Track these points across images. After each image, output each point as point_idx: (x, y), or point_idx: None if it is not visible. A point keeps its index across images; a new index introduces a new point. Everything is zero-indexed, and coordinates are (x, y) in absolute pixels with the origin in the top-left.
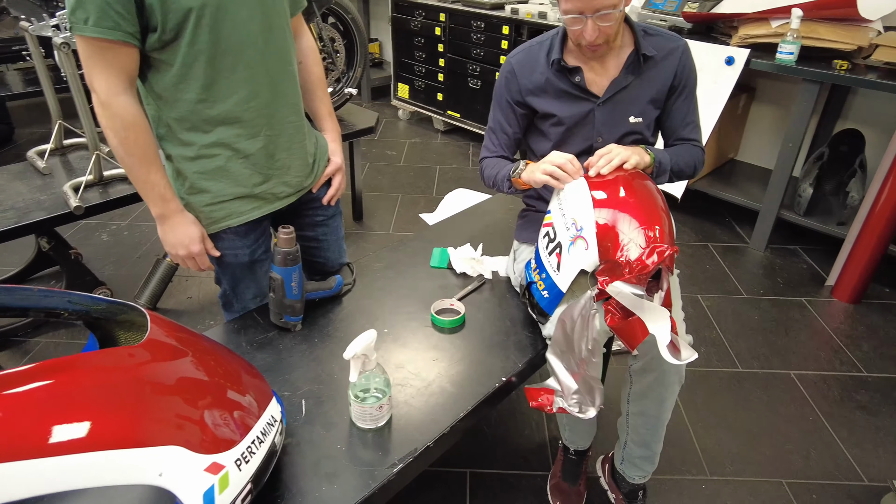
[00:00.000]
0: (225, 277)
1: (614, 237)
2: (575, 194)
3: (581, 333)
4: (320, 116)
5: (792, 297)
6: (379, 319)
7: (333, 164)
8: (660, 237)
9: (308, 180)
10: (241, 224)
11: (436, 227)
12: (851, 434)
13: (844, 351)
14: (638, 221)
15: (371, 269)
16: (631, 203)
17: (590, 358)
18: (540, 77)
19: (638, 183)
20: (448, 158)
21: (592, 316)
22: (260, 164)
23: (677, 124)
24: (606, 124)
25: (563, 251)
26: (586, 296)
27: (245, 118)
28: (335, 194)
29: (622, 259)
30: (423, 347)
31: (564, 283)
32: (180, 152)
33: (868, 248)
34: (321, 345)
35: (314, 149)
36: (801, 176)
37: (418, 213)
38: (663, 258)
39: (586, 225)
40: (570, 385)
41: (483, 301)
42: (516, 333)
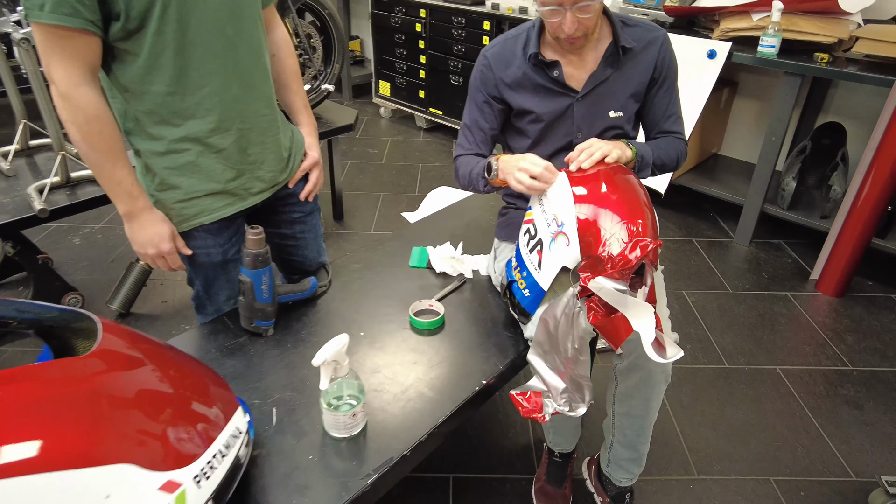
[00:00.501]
0: (198, 278)
1: (596, 232)
2: (556, 190)
3: (566, 332)
4: (295, 110)
5: (777, 291)
6: (355, 322)
7: (310, 159)
8: (642, 231)
9: (283, 175)
10: (214, 221)
11: (415, 225)
12: (838, 429)
13: (829, 345)
14: (620, 216)
15: (348, 270)
16: (612, 198)
17: (577, 356)
18: (517, 71)
19: (620, 177)
20: (430, 156)
21: (577, 313)
22: (232, 158)
23: (659, 117)
24: (586, 119)
25: (544, 248)
26: (569, 293)
27: (216, 111)
28: (313, 189)
29: (604, 255)
30: (400, 350)
31: (546, 280)
32: (149, 147)
33: (851, 242)
34: (294, 350)
35: (289, 143)
36: (783, 170)
37: (400, 212)
38: (646, 252)
39: (567, 221)
40: (557, 385)
41: (463, 301)
42: (497, 334)
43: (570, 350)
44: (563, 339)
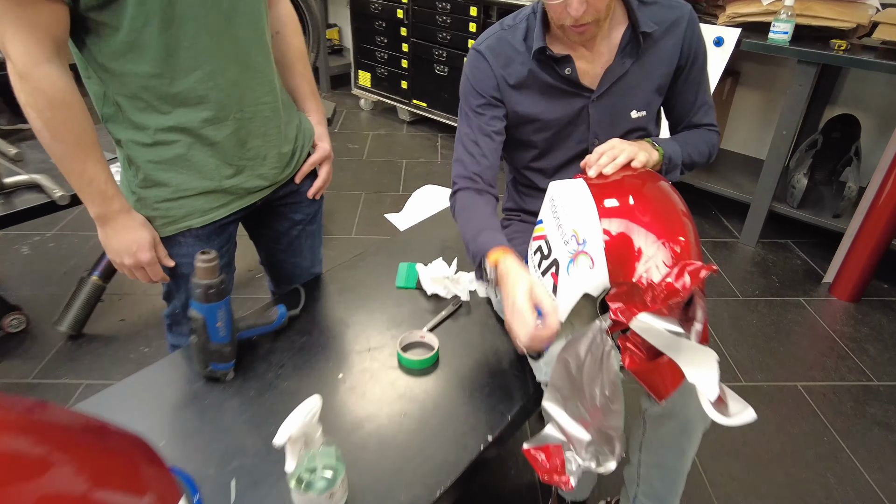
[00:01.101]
0: (178, 293)
1: (629, 252)
2: (573, 199)
3: (593, 376)
4: (303, 96)
5: (789, 296)
6: (332, 360)
7: (320, 151)
8: (685, 251)
9: (287, 170)
10: (205, 225)
11: (402, 236)
12: (871, 455)
13: (851, 357)
14: (657, 233)
15: (323, 293)
16: (646, 210)
17: (607, 405)
18: (521, 69)
19: (650, 186)
20: (415, 152)
21: (607, 354)
22: (229, 153)
23: (687, 109)
24: (603, 123)
25: (561, 271)
26: (595, 328)
27: (210, 98)
28: (322, 187)
29: (642, 281)
30: (387, 398)
31: (563, 310)
32: (132, 137)
33: (870, 244)
34: (259, 399)
35: (295, 133)
36: (793, 166)
37: (383, 214)
38: (697, 280)
39: (591, 237)
40: (580, 436)
41: (460, 330)
42: (501, 373)
43: (599, 397)
44: (590, 383)
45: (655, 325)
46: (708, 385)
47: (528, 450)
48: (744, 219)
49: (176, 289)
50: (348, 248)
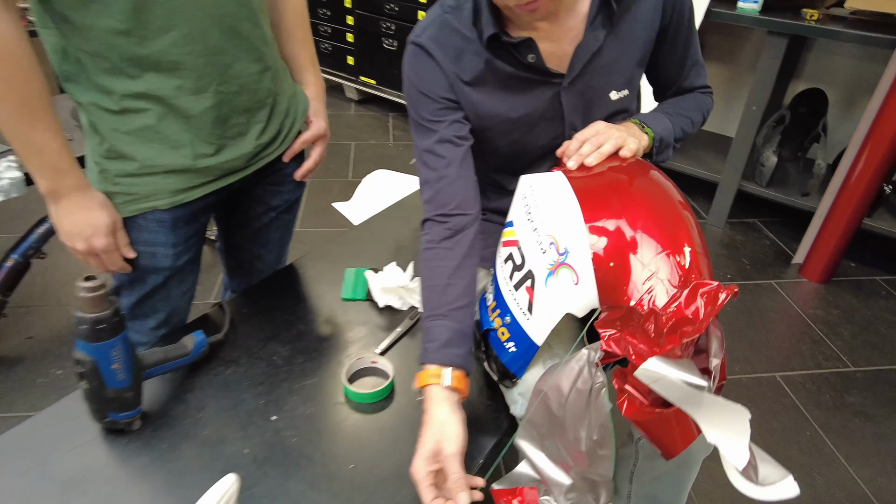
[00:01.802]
0: (128, 289)
1: (623, 267)
2: (551, 198)
3: (579, 416)
4: (300, 66)
5: (761, 279)
6: (263, 398)
7: (315, 129)
8: (694, 266)
9: (274, 147)
10: (173, 207)
11: (348, 237)
12: (854, 448)
13: (826, 342)
14: (657, 242)
15: (254, 310)
16: (642, 211)
17: (595, 450)
18: (475, 61)
19: (644, 178)
20: (364, 133)
21: (597, 391)
22: (206, 129)
23: (676, 73)
24: (579, 110)
25: (538, 284)
26: (582, 358)
27: (187, 65)
28: (312, 168)
29: (643, 305)
30: (331, 443)
31: (541, 331)
32: (96, 100)
33: (841, 224)
34: (173, 454)
35: (287, 105)
36: (761, 143)
37: (331, 203)
38: (715, 306)
39: (574, 246)
40: (559, 480)
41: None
42: (470, 403)
43: (585, 441)
44: (574, 424)
45: (669, 376)
46: (737, 452)
47: (498, 491)
48: (711, 198)
49: (127, 283)
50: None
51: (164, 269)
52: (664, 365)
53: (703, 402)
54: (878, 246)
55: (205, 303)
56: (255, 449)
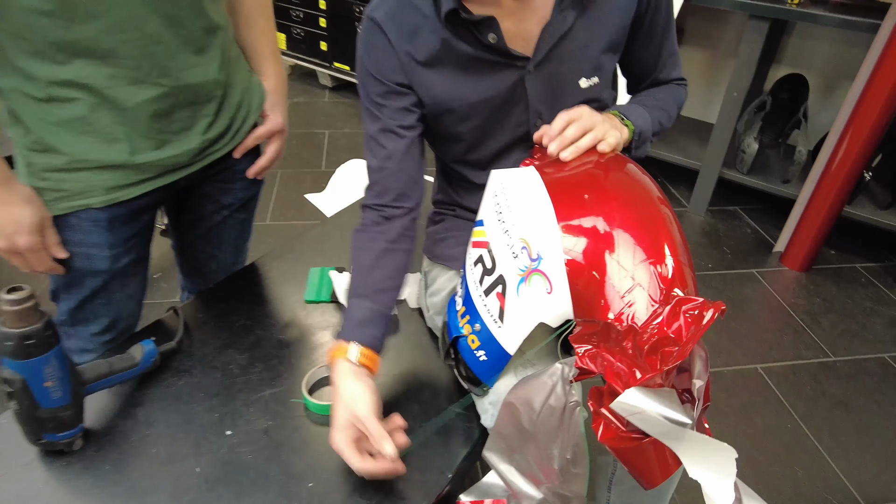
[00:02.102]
0: (65, 293)
1: (600, 276)
2: (523, 197)
3: (551, 434)
4: (259, 55)
5: (742, 269)
6: (218, 411)
7: (270, 124)
8: (678, 276)
9: (225, 142)
10: (108, 205)
11: (313, 233)
12: (835, 441)
13: (807, 331)
14: (638, 247)
15: (210, 314)
16: (621, 213)
17: (568, 468)
18: (430, 40)
19: (621, 174)
20: (339, 121)
21: (571, 409)
22: (145, 123)
23: (652, 64)
24: (545, 98)
25: (509, 291)
26: (555, 373)
27: (121, 53)
28: (267, 166)
29: (622, 320)
30: (290, 459)
31: (513, 340)
32: (18, 86)
33: (822, 212)
34: (118, 476)
35: (239, 98)
36: (742, 129)
37: (304, 194)
38: (700, 326)
39: (547, 251)
40: (529, 493)
41: (385, 354)
42: (441, 411)
43: (557, 459)
44: (545, 441)
45: (648, 410)
46: (721, 492)
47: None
48: (692, 186)
49: (62, 288)
50: (263, 237)
51: (103, 272)
52: (643, 397)
53: (685, 438)
54: (858, 233)
55: (171, 301)
56: (207, 467)
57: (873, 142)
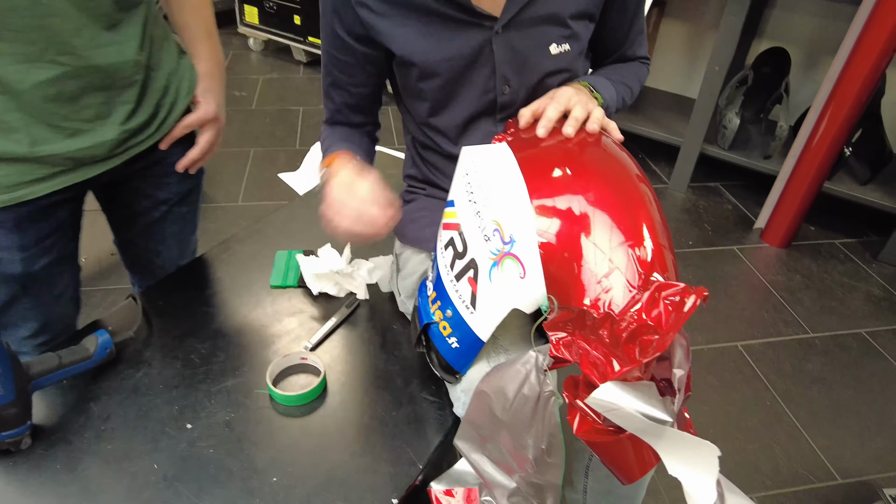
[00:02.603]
0: None
1: (575, 261)
2: (495, 175)
3: (525, 423)
4: (191, 36)
5: (722, 245)
6: (178, 403)
7: (202, 111)
8: (657, 259)
9: (150, 132)
10: (12, 205)
11: (280, 215)
12: (813, 418)
13: (787, 308)
14: (616, 229)
15: (170, 302)
16: (597, 191)
17: (543, 458)
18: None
19: (598, 153)
20: (314, 97)
21: (546, 399)
22: (46, 109)
23: (621, 39)
24: (514, 64)
25: (481, 276)
26: (529, 361)
27: (7, 25)
28: (199, 159)
29: (599, 307)
30: (253, 453)
31: (485, 327)
32: None
33: (802, 188)
34: (71, 475)
35: (165, 83)
36: (723, 104)
37: (277, 173)
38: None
39: (520, 234)
40: (502, 482)
41: (356, 342)
42: (412, 400)
43: (532, 449)
44: (519, 431)
45: (625, 406)
46: (703, 491)
47: (435, 492)
48: (673, 162)
49: None
50: (235, 219)
51: (18, 277)
52: (620, 392)
53: (664, 436)
54: (837, 209)
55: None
56: (165, 464)
57: (854, 117)
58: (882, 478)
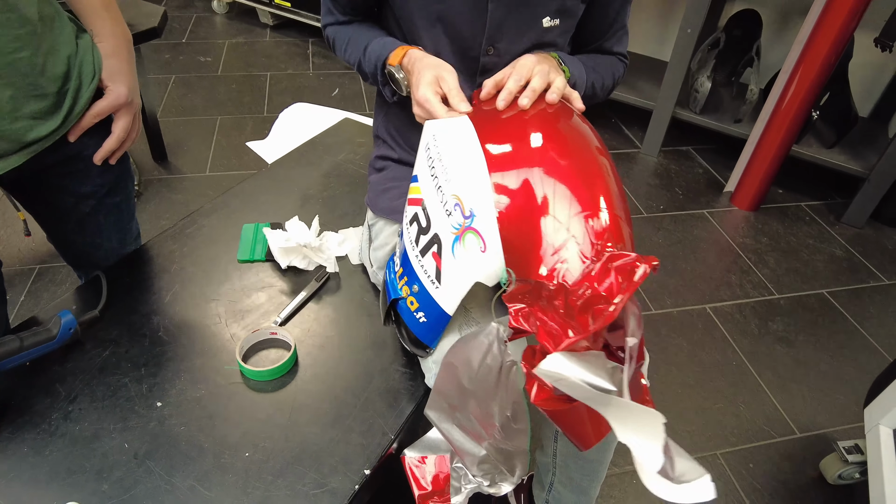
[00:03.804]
0: None
1: (532, 232)
2: (455, 149)
3: (490, 392)
4: (89, 12)
5: (693, 209)
6: (146, 382)
7: (111, 97)
8: (614, 231)
9: (52, 123)
10: None
11: (246, 186)
12: (775, 375)
13: (754, 270)
14: (573, 201)
15: (137, 280)
16: (555, 164)
17: (509, 425)
18: None
19: (558, 124)
20: (281, 62)
21: (508, 368)
22: None
23: (603, 30)
24: (506, 28)
25: (444, 251)
26: (491, 332)
27: None
28: (116, 149)
29: (553, 279)
30: (224, 429)
31: (451, 301)
32: None
33: (771, 151)
34: (38, 458)
35: (64, 68)
36: (695, 68)
37: (245, 142)
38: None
39: (479, 208)
40: (471, 450)
41: (327, 315)
42: (384, 372)
43: (498, 416)
44: (485, 398)
45: (570, 377)
46: (650, 456)
47: (407, 460)
48: (645, 127)
49: None
50: (202, 190)
51: None
52: (566, 362)
53: (611, 404)
54: (803, 172)
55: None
56: (136, 442)
57: (822, 79)
58: (837, 430)
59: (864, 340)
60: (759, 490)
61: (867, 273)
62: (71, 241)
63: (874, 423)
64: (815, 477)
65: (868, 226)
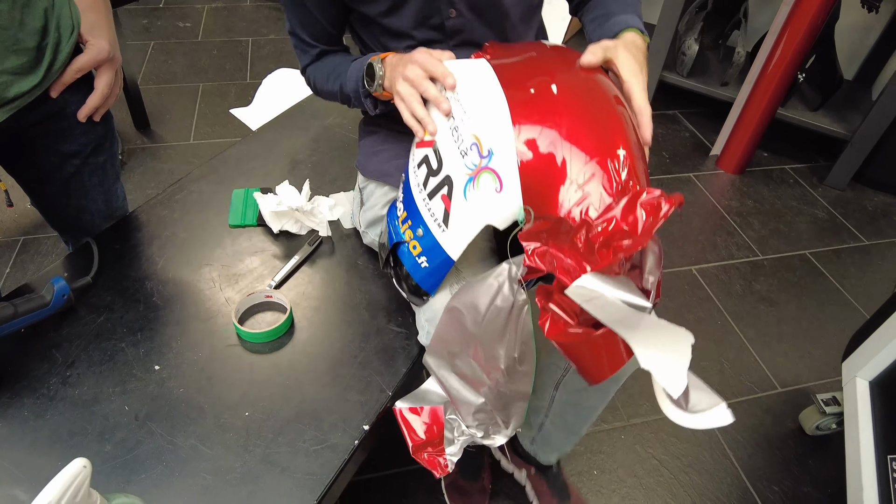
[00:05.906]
0: None
1: (552, 171)
2: (475, 90)
3: (497, 334)
4: None
5: (679, 173)
6: (143, 346)
7: (92, 52)
8: (632, 172)
9: (33, 79)
10: None
11: (234, 152)
12: (758, 333)
13: (739, 232)
14: (593, 144)
15: (129, 246)
16: (576, 109)
17: (514, 367)
18: None
19: (578, 72)
20: (263, 26)
21: (520, 308)
22: None
23: None
24: None
25: (455, 193)
26: (502, 273)
27: None
28: (100, 105)
29: (573, 216)
30: (223, 390)
31: (457, 245)
32: None
33: (757, 114)
34: (38, 422)
35: (41, 23)
36: (683, 30)
37: (228, 109)
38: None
39: (499, 147)
40: (469, 399)
41: (321, 277)
42: (378, 332)
43: (504, 359)
44: (491, 342)
45: (606, 294)
46: (674, 379)
47: (400, 412)
48: None
49: None
50: (187, 158)
51: None
52: (600, 282)
53: (641, 324)
54: (788, 135)
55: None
56: (136, 405)
57: (809, 41)
58: (816, 385)
59: (843, 299)
60: (742, 442)
61: (848, 234)
62: (56, 204)
63: (851, 375)
64: (795, 428)
65: (850, 188)
